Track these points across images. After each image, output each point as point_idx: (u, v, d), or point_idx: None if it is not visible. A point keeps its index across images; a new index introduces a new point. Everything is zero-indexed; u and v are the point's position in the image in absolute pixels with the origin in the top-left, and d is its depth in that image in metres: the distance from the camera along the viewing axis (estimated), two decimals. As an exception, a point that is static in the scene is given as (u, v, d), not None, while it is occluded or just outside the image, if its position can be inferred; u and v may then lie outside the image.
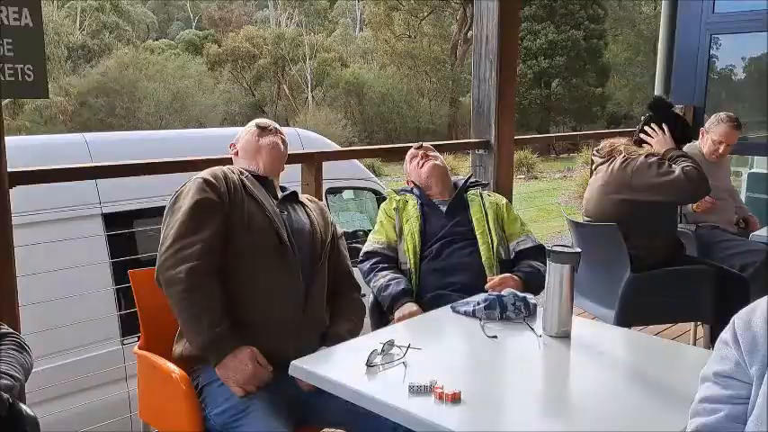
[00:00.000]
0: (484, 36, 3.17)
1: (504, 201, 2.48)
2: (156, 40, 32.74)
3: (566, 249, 1.68)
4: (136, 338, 2.82)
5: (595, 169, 2.79)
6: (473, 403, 1.31)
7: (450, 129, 26.86)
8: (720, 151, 3.35)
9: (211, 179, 1.78)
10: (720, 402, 1.11)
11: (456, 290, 2.17)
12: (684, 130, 2.76)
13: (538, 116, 24.88)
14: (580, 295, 2.99)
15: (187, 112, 24.39)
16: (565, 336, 1.68)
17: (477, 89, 3.26)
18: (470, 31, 28.22)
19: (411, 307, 2.13)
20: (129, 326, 3.05)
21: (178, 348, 1.75)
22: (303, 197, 2.06)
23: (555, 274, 1.67)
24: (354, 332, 1.91)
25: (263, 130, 1.99)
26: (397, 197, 2.41)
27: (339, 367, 1.51)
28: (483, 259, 2.24)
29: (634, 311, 2.66)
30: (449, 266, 2.24)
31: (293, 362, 1.48)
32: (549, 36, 23.08)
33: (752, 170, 5.60)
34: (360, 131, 25.58)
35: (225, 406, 1.61)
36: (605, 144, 2.77)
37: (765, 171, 5.55)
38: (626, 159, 2.62)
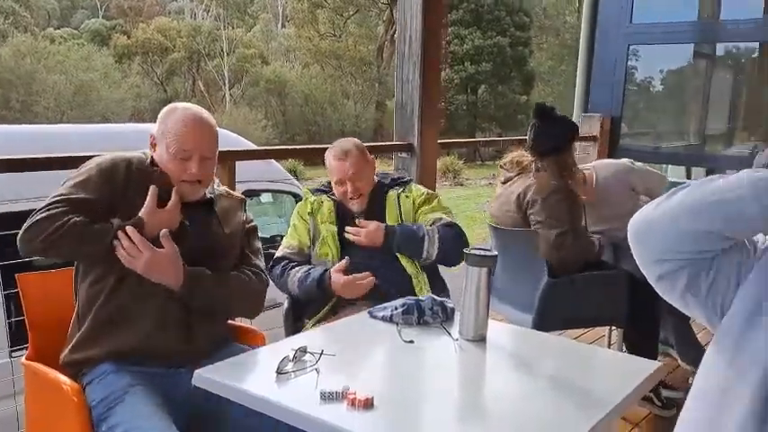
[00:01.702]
0: (407, 37, 3.23)
1: (424, 192, 2.40)
2: (58, 28, 31.24)
3: (482, 252, 1.73)
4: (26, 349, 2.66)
5: (504, 182, 2.92)
6: (386, 409, 1.32)
7: (375, 133, 27.06)
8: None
9: (109, 167, 1.72)
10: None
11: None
12: (571, 132, 2.89)
13: (464, 121, 25.49)
14: (500, 301, 3.08)
15: (91, 107, 23.39)
16: (481, 339, 1.72)
17: (400, 90, 3.30)
18: (397, 33, 28.59)
19: (341, 265, 2.14)
20: (19, 336, 2.88)
21: (65, 351, 1.70)
22: (222, 188, 1.98)
23: (472, 277, 1.71)
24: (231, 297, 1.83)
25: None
26: (312, 198, 2.37)
27: (248, 376, 1.49)
28: (406, 267, 2.24)
29: (552, 316, 2.76)
30: (381, 289, 2.13)
31: (197, 371, 1.45)
32: (476, 41, 23.72)
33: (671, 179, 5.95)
34: (281, 133, 25.34)
35: (103, 394, 1.58)
36: (511, 158, 2.89)
37: (681, 180, 5.91)
38: (527, 190, 2.75)
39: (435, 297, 1.90)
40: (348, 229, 2.24)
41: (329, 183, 2.43)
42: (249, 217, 2.01)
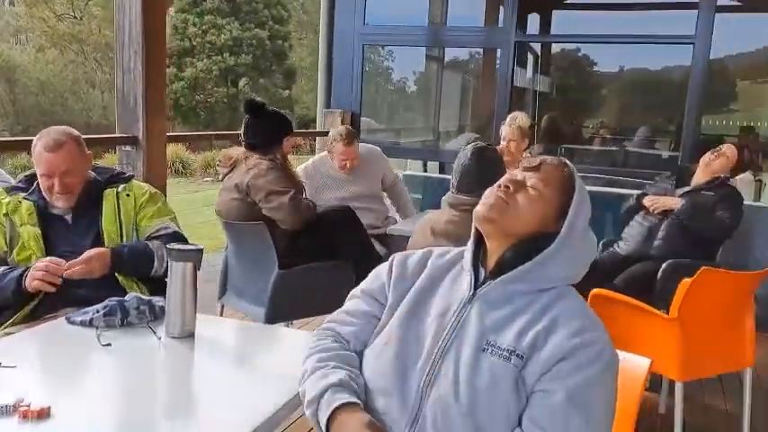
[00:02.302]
0: (126, 23, 3.10)
1: (148, 191, 2.26)
2: None
3: (186, 247, 1.74)
4: None
5: (222, 179, 3.01)
6: (66, 417, 1.27)
7: (127, 125, 25.33)
8: (348, 166, 3.76)
9: None
10: (356, 317, 1.37)
11: None
12: (280, 128, 3.05)
13: (226, 115, 24.98)
14: (237, 297, 3.12)
15: None
16: (189, 336, 1.73)
17: (121, 80, 3.16)
18: (149, 19, 27.03)
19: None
20: None
21: None
22: None
23: (176, 272, 1.71)
24: None
25: None
26: (7, 198, 2.14)
27: None
28: (120, 281, 2.10)
29: (283, 307, 2.87)
30: (87, 296, 1.95)
31: None
32: (234, 32, 23.37)
33: (406, 172, 6.47)
34: (12, 124, 22.50)
35: None
36: (223, 155, 3.02)
37: (418, 173, 6.45)
38: (244, 176, 2.87)
39: (142, 296, 1.86)
40: (70, 263, 1.98)
41: (29, 178, 2.22)
42: None
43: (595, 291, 2.80)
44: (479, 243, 1.35)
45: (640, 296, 3.20)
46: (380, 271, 1.41)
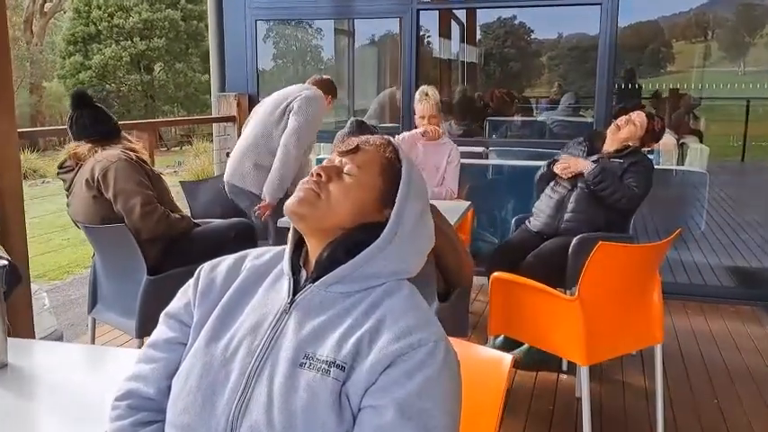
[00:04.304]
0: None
1: None
2: None
3: (-17, 265, 1.55)
4: None
5: (68, 189, 2.84)
6: None
7: (33, 120, 24.24)
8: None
9: None
10: (159, 349, 1.20)
11: None
12: (107, 124, 2.93)
13: (141, 104, 24.18)
14: (106, 309, 2.92)
15: None
16: (1, 367, 1.56)
17: (-47, 72, 2.88)
18: (48, 3, 25.83)
19: None
20: None
21: None
22: None
23: (-27, 296, 1.53)
24: None
25: None
26: None
27: None
28: None
29: (154, 318, 2.67)
30: None
31: None
32: (144, 14, 22.57)
33: (319, 156, 6.31)
34: None
35: None
36: (65, 158, 2.86)
37: (325, 157, 6.29)
38: (93, 170, 2.71)
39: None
40: None
41: None
42: None
43: (495, 275, 2.73)
44: (301, 241, 1.23)
45: (554, 275, 3.16)
46: (187, 285, 1.26)
